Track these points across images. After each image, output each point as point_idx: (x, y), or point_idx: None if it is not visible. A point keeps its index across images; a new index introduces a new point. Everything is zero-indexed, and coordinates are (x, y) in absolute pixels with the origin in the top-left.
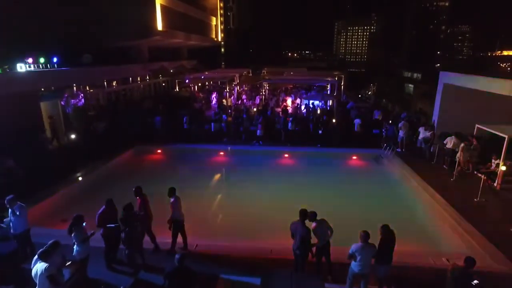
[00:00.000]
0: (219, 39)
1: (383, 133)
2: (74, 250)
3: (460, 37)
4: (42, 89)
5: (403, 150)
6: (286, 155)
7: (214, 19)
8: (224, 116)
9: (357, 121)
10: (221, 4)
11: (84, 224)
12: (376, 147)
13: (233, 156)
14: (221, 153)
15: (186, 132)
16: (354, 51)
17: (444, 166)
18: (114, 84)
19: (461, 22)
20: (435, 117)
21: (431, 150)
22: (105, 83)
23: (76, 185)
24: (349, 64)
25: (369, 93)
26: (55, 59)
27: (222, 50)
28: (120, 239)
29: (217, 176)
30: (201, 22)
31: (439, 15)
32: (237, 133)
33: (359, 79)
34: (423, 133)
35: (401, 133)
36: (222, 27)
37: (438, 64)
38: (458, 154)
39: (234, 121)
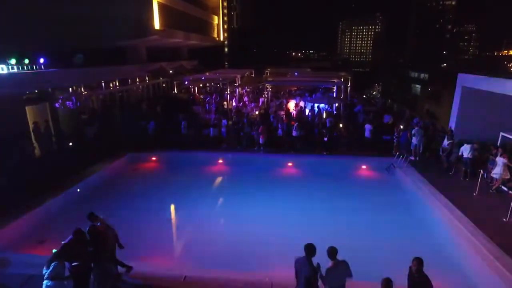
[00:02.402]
0: (221, 38)
1: (395, 140)
2: (44, 285)
3: (466, 37)
4: (36, 91)
5: (417, 158)
6: (290, 164)
7: (216, 18)
8: (224, 120)
9: (368, 127)
10: (225, 3)
11: None
12: (387, 155)
13: (232, 165)
14: (220, 160)
15: (184, 137)
16: (359, 50)
17: (466, 178)
18: (111, 86)
19: (467, 21)
20: (452, 124)
21: (449, 159)
22: (100, 84)
23: (59, 199)
24: (354, 64)
25: (374, 93)
26: (41, 60)
27: (226, 50)
28: (90, 273)
29: (213, 189)
30: (202, 21)
31: (445, 14)
32: (237, 138)
33: (363, 79)
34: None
35: (414, 140)
36: (225, 26)
37: (445, 64)
38: (500, 169)
39: (234, 126)
